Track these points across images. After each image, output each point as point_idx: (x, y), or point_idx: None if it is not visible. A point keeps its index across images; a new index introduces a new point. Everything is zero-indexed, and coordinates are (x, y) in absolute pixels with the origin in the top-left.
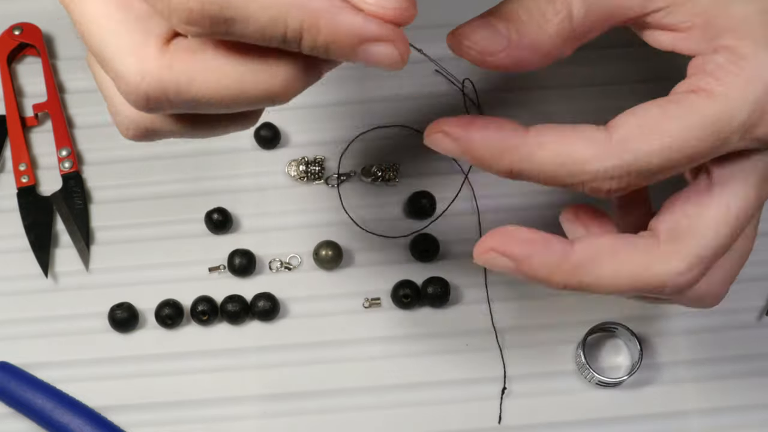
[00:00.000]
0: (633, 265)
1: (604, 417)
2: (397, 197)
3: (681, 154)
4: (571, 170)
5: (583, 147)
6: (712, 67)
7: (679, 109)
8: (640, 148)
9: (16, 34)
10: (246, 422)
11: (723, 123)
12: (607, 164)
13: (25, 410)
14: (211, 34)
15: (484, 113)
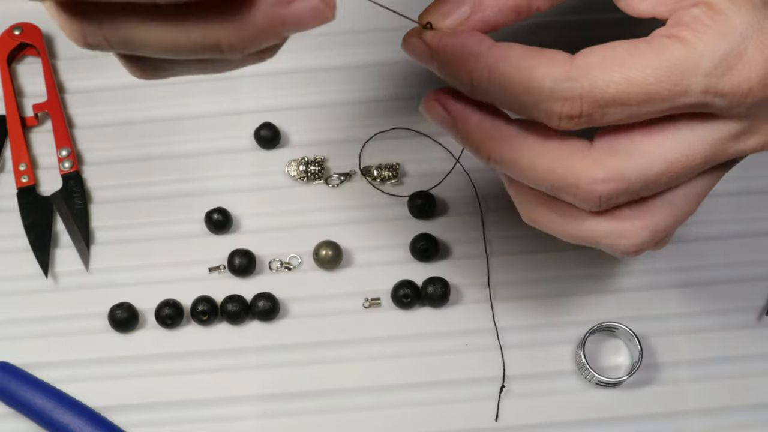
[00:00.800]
0: (554, 157)
1: (604, 417)
2: (397, 197)
3: (638, 90)
4: (528, 87)
5: (544, 65)
6: (689, 18)
7: (647, 48)
8: (597, 75)
9: (16, 34)
10: (246, 422)
11: (686, 67)
12: (563, 84)
13: (25, 410)
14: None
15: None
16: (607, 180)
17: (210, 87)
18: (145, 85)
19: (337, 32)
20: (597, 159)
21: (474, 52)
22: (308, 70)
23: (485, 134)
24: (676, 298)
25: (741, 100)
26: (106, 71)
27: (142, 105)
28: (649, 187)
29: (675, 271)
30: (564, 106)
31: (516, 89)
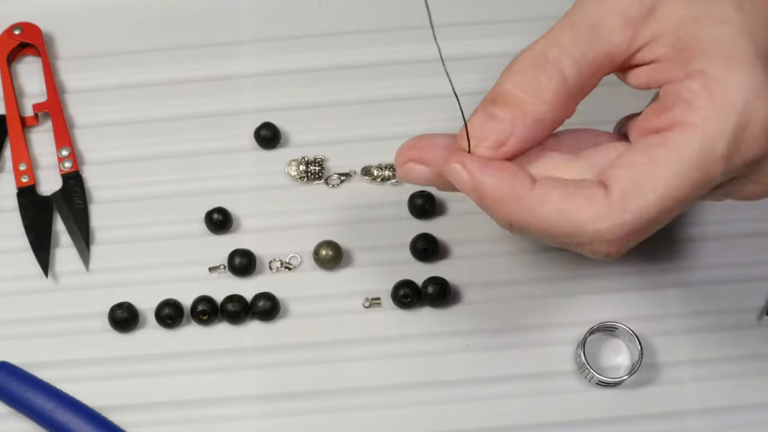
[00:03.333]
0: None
1: (604, 417)
2: (397, 197)
3: (675, 201)
4: (571, 231)
5: (585, 208)
6: (688, 95)
7: (665, 154)
8: (637, 206)
9: (16, 33)
10: (246, 422)
11: (707, 157)
12: (606, 225)
13: (25, 410)
14: None
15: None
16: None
17: (210, 87)
18: (145, 85)
19: (337, 32)
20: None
21: (516, 195)
22: (308, 70)
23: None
24: (676, 298)
25: (747, 166)
26: (106, 71)
27: (142, 105)
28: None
29: (675, 271)
30: (610, 246)
31: (558, 233)
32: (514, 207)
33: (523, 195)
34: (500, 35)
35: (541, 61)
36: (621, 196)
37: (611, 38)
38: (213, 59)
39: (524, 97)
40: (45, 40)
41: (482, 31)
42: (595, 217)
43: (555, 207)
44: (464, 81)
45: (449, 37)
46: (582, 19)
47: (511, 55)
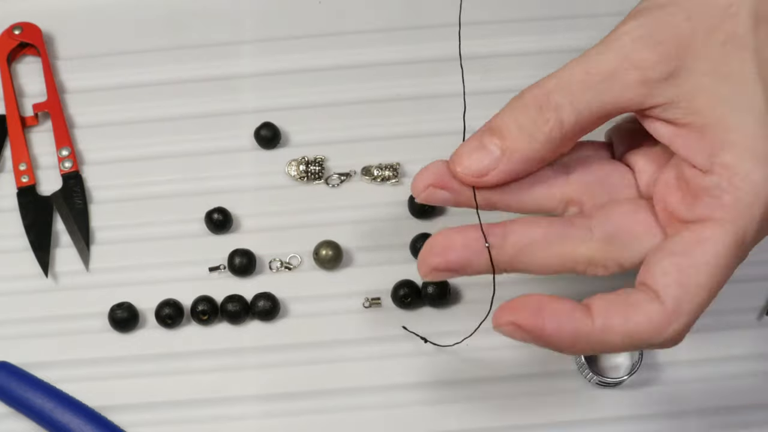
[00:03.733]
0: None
1: (604, 417)
2: (397, 197)
3: (716, 291)
4: (638, 347)
5: (645, 324)
6: (716, 192)
7: (705, 254)
8: (690, 308)
9: (16, 33)
10: (246, 422)
11: (739, 247)
12: (669, 333)
13: (25, 410)
14: None
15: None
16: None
17: (210, 87)
18: (145, 85)
19: (337, 32)
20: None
21: (581, 335)
22: (308, 70)
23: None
24: None
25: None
26: (106, 71)
27: (142, 105)
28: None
29: None
30: (675, 342)
31: (624, 350)
32: (582, 345)
33: (587, 332)
34: (500, 35)
35: (543, 103)
36: (675, 304)
37: (624, 94)
38: (213, 59)
39: (518, 134)
40: (45, 40)
41: (484, 31)
42: (658, 330)
43: (621, 333)
44: (466, 81)
45: (449, 37)
46: (598, 69)
47: (512, 55)
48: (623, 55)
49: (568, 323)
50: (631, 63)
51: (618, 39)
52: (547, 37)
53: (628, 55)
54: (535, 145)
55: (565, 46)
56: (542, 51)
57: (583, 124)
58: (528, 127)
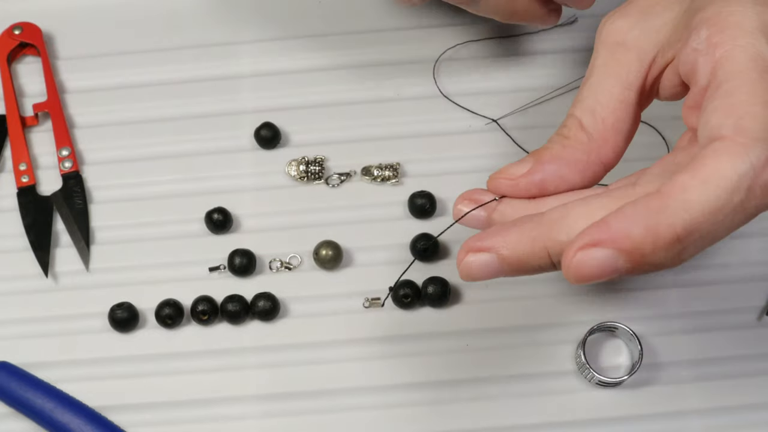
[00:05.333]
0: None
1: (604, 417)
2: (397, 197)
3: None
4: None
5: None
6: (692, 59)
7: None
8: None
9: (16, 33)
10: (246, 422)
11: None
12: (751, 159)
13: (25, 410)
14: None
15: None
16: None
17: (210, 87)
18: (145, 85)
19: (338, 32)
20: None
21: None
22: (308, 70)
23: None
24: (676, 298)
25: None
26: (106, 71)
27: (142, 105)
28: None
29: (675, 271)
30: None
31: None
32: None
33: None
34: (498, 35)
35: (565, 120)
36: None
37: (619, 69)
38: (213, 59)
39: (546, 146)
40: (45, 40)
41: (481, 31)
42: (736, 162)
43: (697, 185)
44: (468, 80)
45: (450, 38)
46: (590, 70)
47: (510, 56)
48: (606, 49)
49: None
50: (611, 48)
51: (601, 45)
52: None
53: (609, 47)
54: (565, 150)
55: (559, 47)
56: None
57: (607, 118)
58: (555, 139)
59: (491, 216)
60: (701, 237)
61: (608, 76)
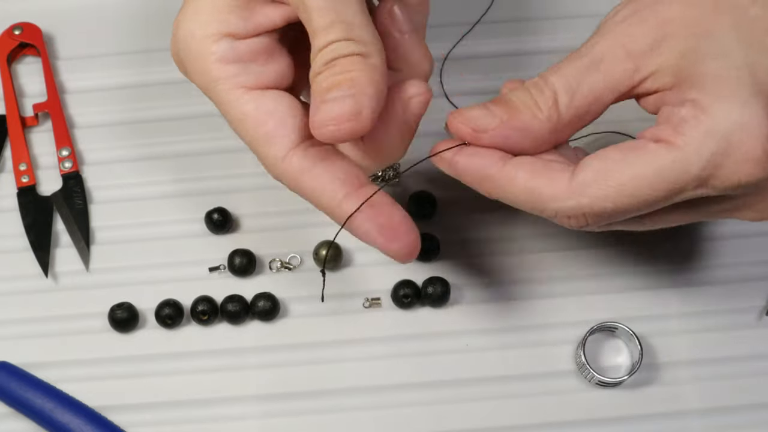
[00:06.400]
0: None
1: (604, 417)
2: (397, 197)
3: (634, 200)
4: (535, 206)
5: (547, 187)
6: (676, 119)
7: (637, 158)
8: (595, 194)
9: (16, 34)
10: (246, 422)
11: (677, 174)
12: (565, 205)
13: (25, 410)
14: None
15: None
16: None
17: None
18: (145, 85)
19: None
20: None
21: (488, 175)
22: None
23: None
24: (676, 298)
25: (733, 190)
26: (106, 71)
27: (142, 105)
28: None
29: (675, 271)
30: (570, 221)
31: (527, 207)
32: (487, 185)
33: (494, 174)
34: (501, 35)
35: (542, 85)
36: (583, 182)
37: (613, 69)
38: None
39: (518, 105)
40: (45, 40)
41: (486, 31)
42: (555, 196)
43: (522, 185)
44: (467, 80)
45: (453, 37)
46: (589, 51)
47: (511, 55)
48: (612, 39)
49: (478, 160)
50: (616, 41)
51: (607, 25)
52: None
53: (616, 37)
54: (534, 122)
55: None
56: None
57: (579, 108)
58: (529, 103)
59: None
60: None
61: (599, 72)
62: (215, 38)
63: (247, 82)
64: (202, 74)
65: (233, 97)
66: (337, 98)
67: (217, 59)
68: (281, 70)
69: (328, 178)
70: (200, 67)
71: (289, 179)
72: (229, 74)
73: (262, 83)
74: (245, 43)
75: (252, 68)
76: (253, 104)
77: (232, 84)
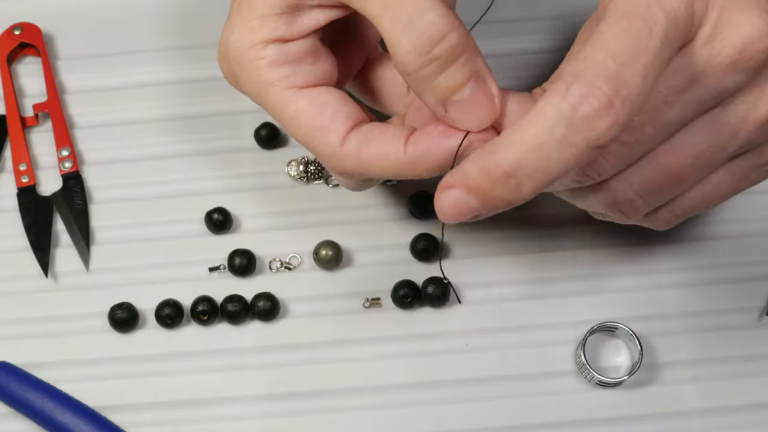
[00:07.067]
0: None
1: (604, 417)
2: (397, 197)
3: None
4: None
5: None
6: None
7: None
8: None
9: (16, 34)
10: (246, 422)
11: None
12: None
13: (25, 410)
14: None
15: None
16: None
17: (210, 87)
18: (144, 85)
19: None
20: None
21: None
22: None
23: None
24: (676, 298)
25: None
26: (106, 71)
27: (142, 105)
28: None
29: (675, 271)
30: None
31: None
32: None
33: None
34: (501, 35)
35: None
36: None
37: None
38: (213, 59)
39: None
40: (45, 40)
41: (486, 31)
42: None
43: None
44: None
45: None
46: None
47: (511, 55)
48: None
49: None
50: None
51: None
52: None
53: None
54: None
55: (561, 47)
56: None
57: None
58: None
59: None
60: (534, 171)
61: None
62: (264, 44)
63: (299, 82)
64: (253, 81)
65: (286, 97)
66: (467, 98)
67: (267, 63)
68: (328, 68)
69: (387, 137)
70: (252, 74)
71: (352, 160)
72: (281, 76)
73: (312, 81)
74: (293, 45)
75: (302, 68)
76: (306, 101)
77: (285, 85)
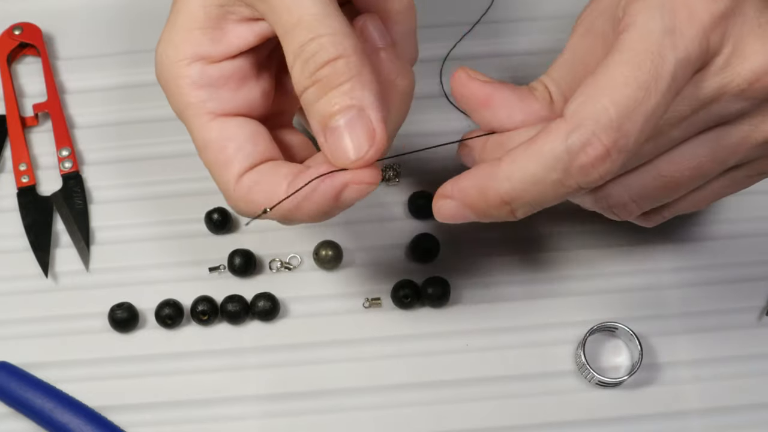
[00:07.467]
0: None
1: (604, 417)
2: (397, 197)
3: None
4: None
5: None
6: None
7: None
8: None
9: (16, 34)
10: (246, 422)
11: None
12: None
13: (25, 410)
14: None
15: None
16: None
17: None
18: (144, 85)
19: None
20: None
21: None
22: None
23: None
24: (676, 298)
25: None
26: (106, 71)
27: (142, 105)
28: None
29: (675, 271)
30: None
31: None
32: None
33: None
34: (501, 35)
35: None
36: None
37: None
38: None
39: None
40: (45, 40)
41: (486, 31)
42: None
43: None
44: None
45: (455, 37)
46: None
47: (511, 55)
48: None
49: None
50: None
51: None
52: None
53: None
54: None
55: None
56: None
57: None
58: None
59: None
60: (528, 202)
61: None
62: (188, 62)
63: (215, 108)
64: (174, 99)
65: (199, 123)
66: (341, 126)
67: (188, 84)
68: (253, 97)
69: (276, 178)
70: (173, 91)
71: (240, 203)
72: (198, 99)
73: (229, 110)
74: (217, 68)
75: (221, 94)
76: (215, 132)
77: (200, 110)
